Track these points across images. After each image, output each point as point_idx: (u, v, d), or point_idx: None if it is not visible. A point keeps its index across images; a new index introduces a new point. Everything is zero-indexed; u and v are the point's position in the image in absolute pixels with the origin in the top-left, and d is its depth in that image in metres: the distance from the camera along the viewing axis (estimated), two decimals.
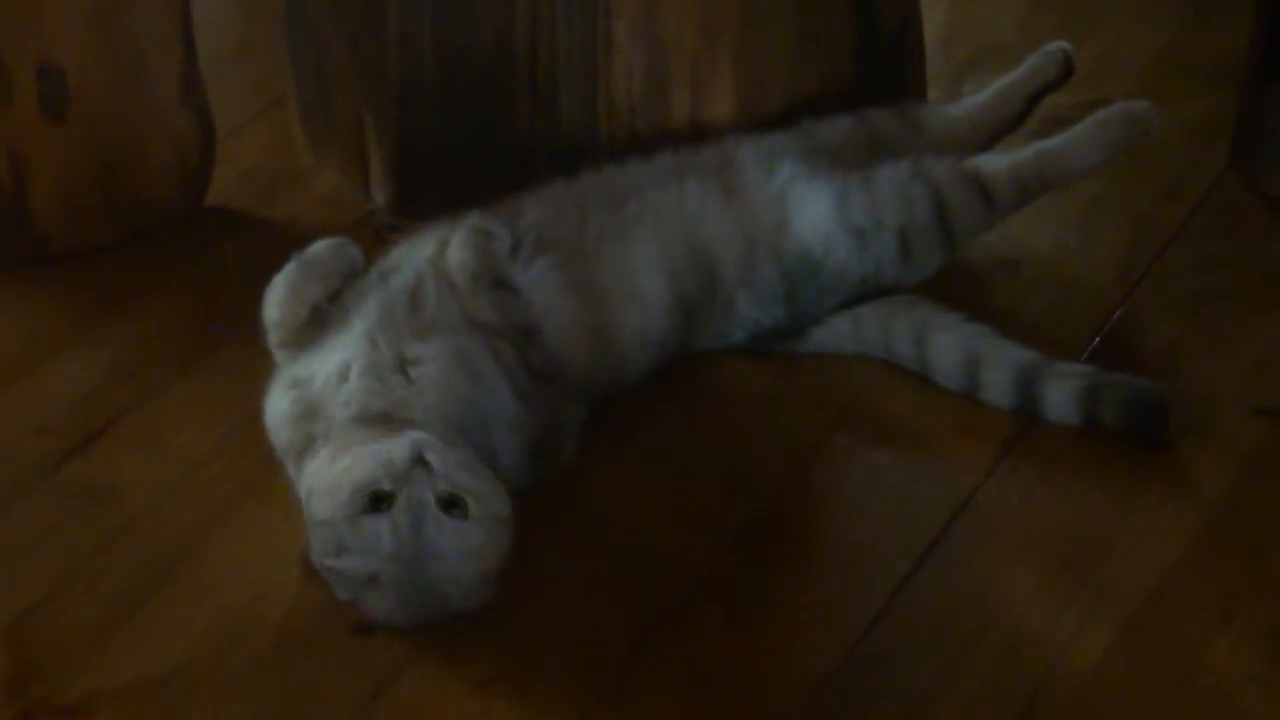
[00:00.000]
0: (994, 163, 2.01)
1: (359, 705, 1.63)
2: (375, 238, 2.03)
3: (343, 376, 1.76)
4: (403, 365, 1.76)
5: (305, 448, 1.73)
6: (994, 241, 2.11)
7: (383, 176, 2.20)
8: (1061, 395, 1.88)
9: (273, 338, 1.85)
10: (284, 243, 2.01)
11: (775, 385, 1.96)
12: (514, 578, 1.74)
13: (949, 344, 1.93)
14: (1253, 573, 1.74)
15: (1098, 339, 2.01)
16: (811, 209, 1.96)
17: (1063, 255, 2.08)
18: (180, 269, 1.96)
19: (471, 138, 2.15)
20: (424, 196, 2.15)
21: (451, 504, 1.63)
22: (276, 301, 1.84)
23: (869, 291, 1.98)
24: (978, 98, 2.18)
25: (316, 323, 1.83)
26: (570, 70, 2.11)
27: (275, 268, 1.96)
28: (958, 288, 2.00)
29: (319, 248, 1.87)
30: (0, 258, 2.15)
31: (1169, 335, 2.03)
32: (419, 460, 1.63)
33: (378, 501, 1.63)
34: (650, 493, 1.84)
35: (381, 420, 1.71)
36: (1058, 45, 2.19)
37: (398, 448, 1.64)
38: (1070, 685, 1.63)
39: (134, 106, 2.16)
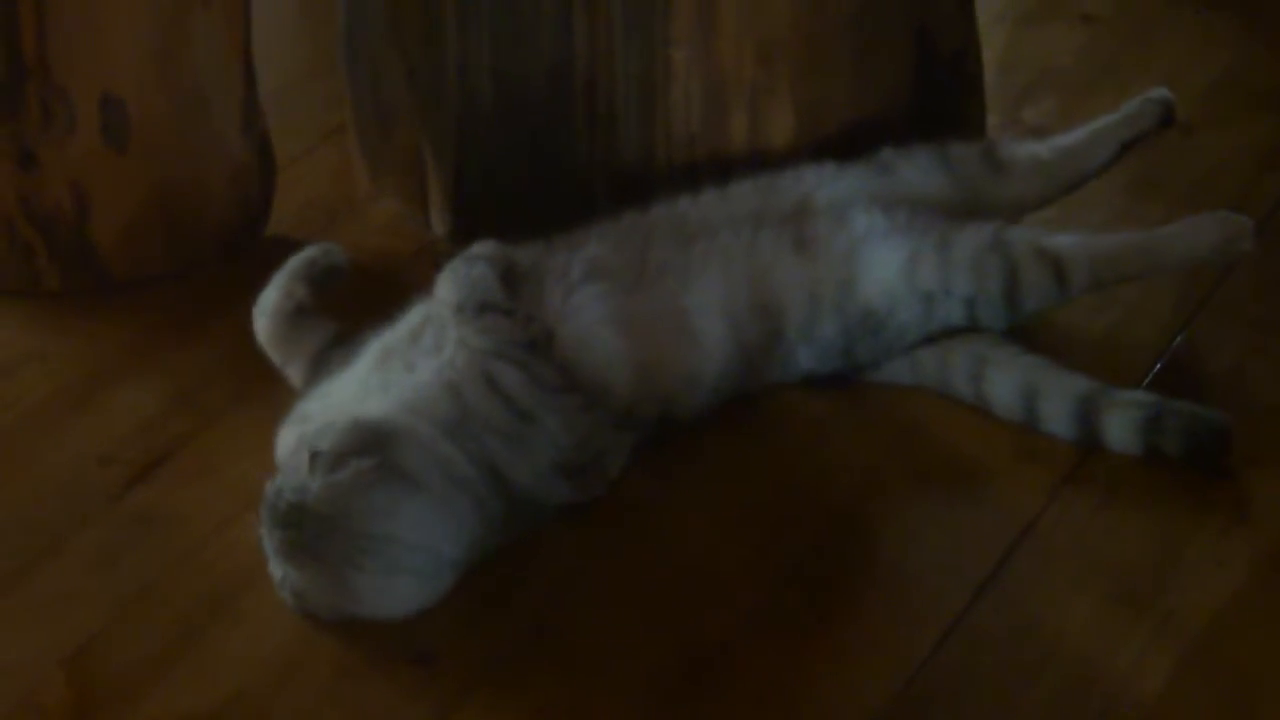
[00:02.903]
0: (1075, 247, 1.95)
1: None
2: (434, 267, 2.03)
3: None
4: (386, 389, 1.79)
5: None
6: None
7: (441, 205, 2.21)
8: (1122, 426, 1.87)
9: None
10: None
11: (833, 413, 1.96)
12: (571, 606, 1.74)
13: (1006, 378, 1.92)
14: None
15: (1158, 365, 2.00)
16: (881, 268, 1.94)
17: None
18: (241, 298, 1.97)
19: (530, 166, 2.16)
20: (483, 225, 2.15)
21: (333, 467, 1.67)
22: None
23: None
24: (1066, 140, 2.12)
25: (336, 356, 1.88)
26: (629, 98, 2.11)
27: (335, 297, 1.98)
28: (1017, 321, 1.99)
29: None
30: (63, 287, 2.17)
31: (1230, 361, 2.02)
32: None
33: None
34: (706, 521, 1.84)
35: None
36: (1159, 93, 2.12)
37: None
38: (1133, 715, 1.62)
39: (195, 137, 2.17)
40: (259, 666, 1.69)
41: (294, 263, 1.97)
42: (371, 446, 1.69)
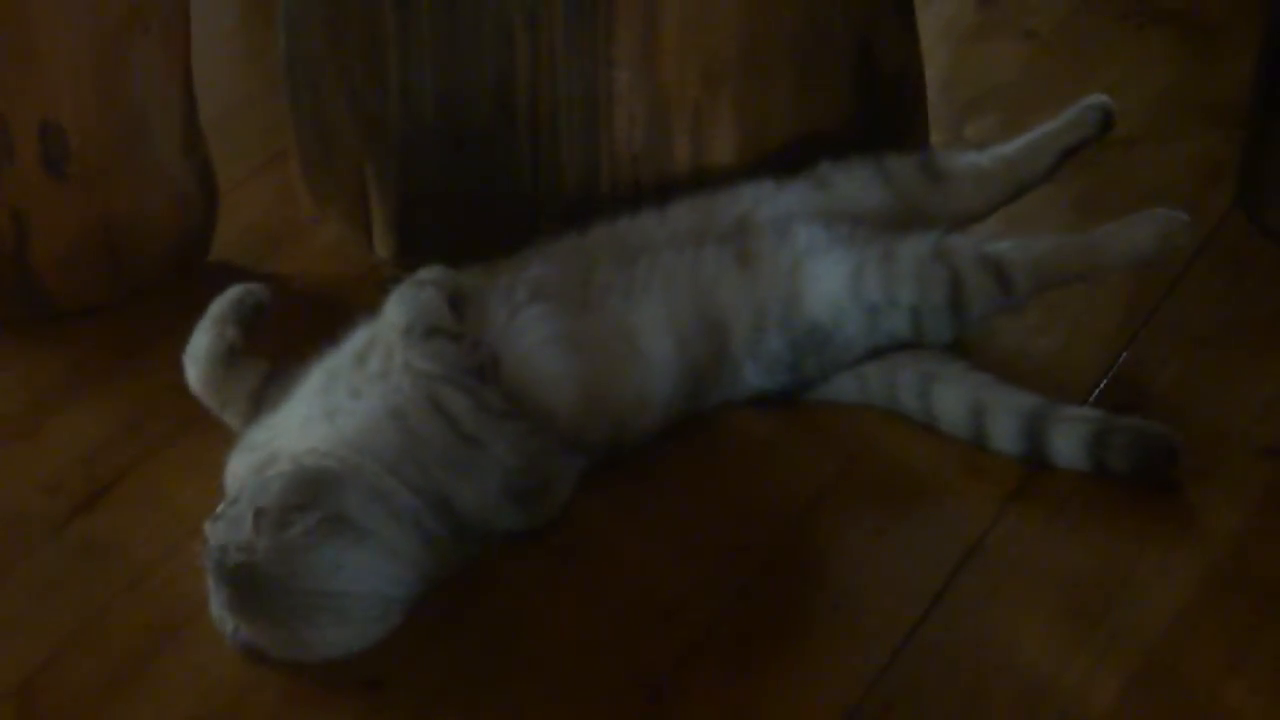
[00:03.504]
0: (1017, 251, 1.95)
1: None
2: (379, 290, 2.03)
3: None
4: (331, 416, 1.78)
5: None
6: None
7: (385, 228, 2.20)
8: (1068, 442, 1.87)
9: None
10: (288, 297, 2.01)
11: (781, 432, 1.96)
12: (522, 631, 1.73)
13: (954, 396, 1.92)
14: (1264, 613, 1.73)
15: (1104, 381, 2.01)
16: (825, 282, 1.94)
17: (1068, 297, 2.07)
18: (184, 325, 1.96)
19: (473, 189, 2.15)
20: (427, 248, 2.14)
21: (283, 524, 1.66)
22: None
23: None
24: (1006, 149, 2.11)
25: (275, 391, 1.86)
26: (571, 120, 2.10)
27: (280, 322, 1.97)
28: (963, 331, 1.99)
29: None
30: (3, 315, 2.15)
31: (1176, 376, 2.02)
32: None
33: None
34: (655, 543, 1.83)
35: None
36: (1099, 99, 2.12)
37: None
38: None
39: (135, 163, 2.16)
40: (207, 696, 1.68)
41: (219, 305, 1.94)
42: (314, 499, 1.67)
